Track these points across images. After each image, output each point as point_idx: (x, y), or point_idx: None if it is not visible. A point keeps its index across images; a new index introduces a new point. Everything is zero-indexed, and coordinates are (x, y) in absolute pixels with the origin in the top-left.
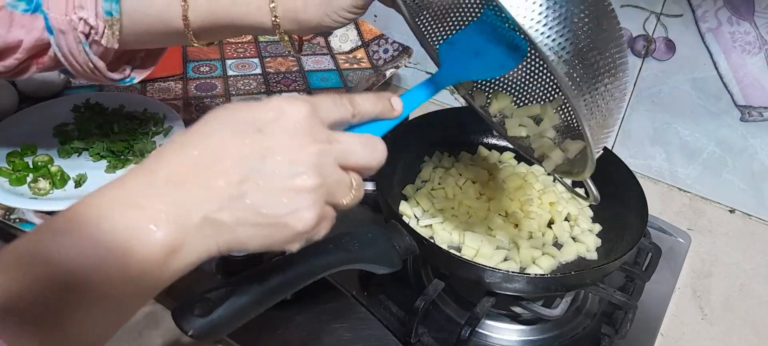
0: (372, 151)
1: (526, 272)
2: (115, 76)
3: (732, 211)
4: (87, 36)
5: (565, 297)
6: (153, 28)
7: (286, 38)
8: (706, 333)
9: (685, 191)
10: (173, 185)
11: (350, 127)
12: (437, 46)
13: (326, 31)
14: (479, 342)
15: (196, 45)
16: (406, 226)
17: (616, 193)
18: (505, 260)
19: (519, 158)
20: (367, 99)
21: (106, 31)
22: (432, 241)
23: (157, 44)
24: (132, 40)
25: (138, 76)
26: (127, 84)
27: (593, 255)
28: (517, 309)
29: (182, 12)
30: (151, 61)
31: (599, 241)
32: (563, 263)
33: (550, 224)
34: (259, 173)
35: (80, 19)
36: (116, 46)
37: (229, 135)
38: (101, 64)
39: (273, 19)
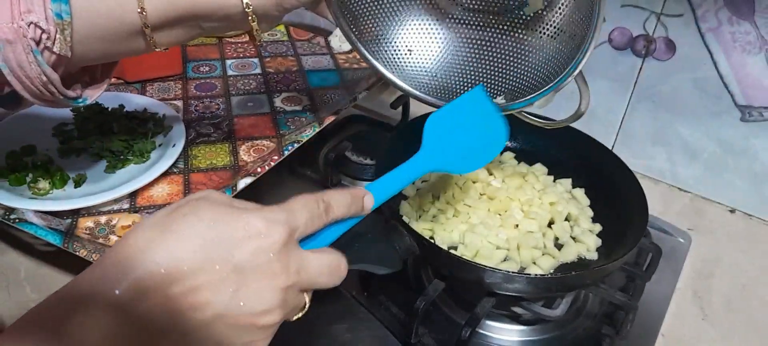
0: (336, 275)
1: (526, 272)
2: (69, 93)
3: (733, 211)
4: (38, 43)
5: (565, 297)
6: (107, 28)
7: (255, 25)
8: (706, 334)
9: (685, 191)
10: (139, 300)
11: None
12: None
13: (325, 31)
14: (480, 343)
15: (156, 49)
16: (406, 226)
17: (617, 193)
18: (506, 260)
19: (519, 158)
20: (343, 202)
21: (58, 35)
22: (432, 241)
23: (112, 52)
24: (85, 49)
25: (91, 96)
26: (80, 105)
27: (594, 255)
28: (518, 310)
29: (137, 4)
30: (104, 76)
31: (600, 241)
32: (563, 263)
33: (550, 224)
34: (226, 305)
35: (30, 23)
36: (69, 53)
37: (201, 252)
38: (55, 77)
39: None
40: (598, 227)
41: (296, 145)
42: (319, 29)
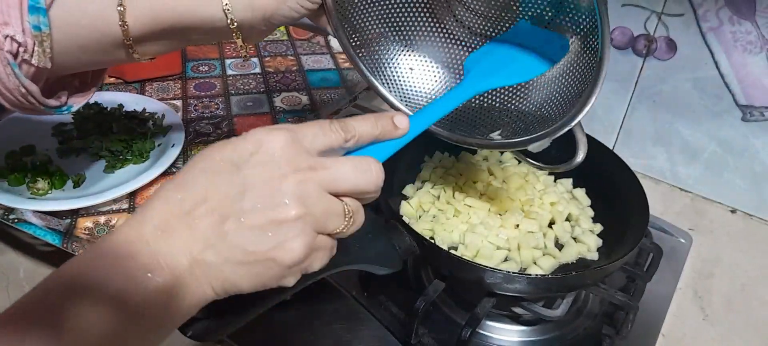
0: (364, 173)
1: (526, 272)
2: (52, 102)
3: (733, 211)
4: (15, 56)
5: (566, 298)
6: (88, 41)
7: (239, 41)
8: (707, 334)
9: (686, 191)
10: (161, 232)
11: (348, 152)
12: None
13: (325, 30)
14: (480, 343)
15: (140, 60)
16: (406, 226)
17: (618, 193)
18: (506, 260)
19: (520, 158)
20: (365, 120)
21: (36, 48)
22: (432, 241)
23: (94, 62)
24: (67, 60)
25: (76, 103)
26: (64, 113)
27: (594, 255)
28: (518, 310)
29: (119, 18)
30: (95, 81)
31: (600, 241)
32: (564, 263)
33: (550, 224)
34: (240, 210)
35: (6, 36)
36: (49, 65)
37: (210, 176)
38: (34, 88)
39: (225, 5)
40: (598, 227)
41: None
42: (318, 29)
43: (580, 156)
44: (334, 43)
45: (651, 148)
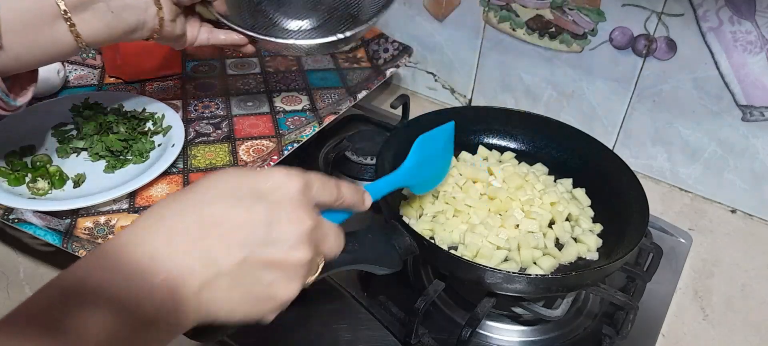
0: (339, 243)
1: (526, 272)
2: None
3: (733, 211)
4: None
5: (566, 298)
6: (29, 14)
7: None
8: (707, 334)
9: (686, 191)
10: (172, 248)
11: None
12: None
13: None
14: (480, 343)
15: (82, 47)
16: (406, 226)
17: (618, 193)
18: (506, 260)
19: (520, 158)
20: (349, 189)
21: None
22: (432, 241)
23: (38, 41)
24: (11, 41)
25: (21, 100)
26: (11, 104)
27: (594, 255)
28: (518, 310)
29: (73, 36)
30: (28, 83)
31: (600, 241)
32: (564, 263)
33: (551, 224)
34: (260, 242)
35: None
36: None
37: (233, 202)
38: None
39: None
40: (598, 227)
41: (296, 145)
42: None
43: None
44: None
45: (651, 148)
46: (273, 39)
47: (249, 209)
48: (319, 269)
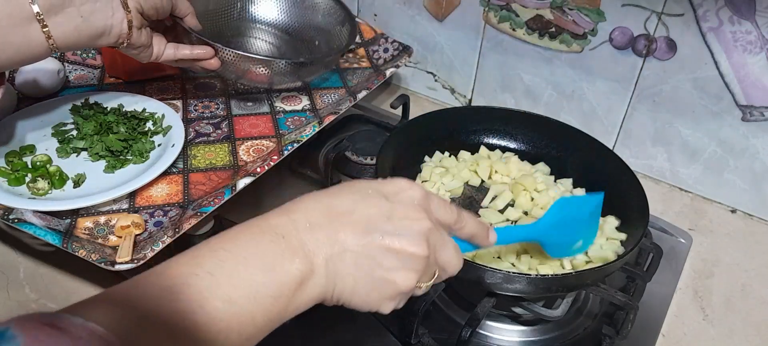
0: (457, 260)
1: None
2: None
3: (733, 211)
4: None
5: (566, 298)
6: (2, 15)
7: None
8: (707, 334)
9: (686, 191)
10: (309, 226)
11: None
12: None
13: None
14: (480, 343)
15: (53, 46)
16: None
17: (618, 193)
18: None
19: (520, 158)
20: (472, 219)
21: None
22: None
23: (9, 39)
24: None
25: None
26: None
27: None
28: (518, 310)
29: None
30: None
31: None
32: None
33: None
34: (383, 230)
35: None
36: None
37: (359, 196)
38: None
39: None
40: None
41: (296, 145)
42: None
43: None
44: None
45: (651, 148)
46: (242, 52)
47: (374, 204)
48: (435, 277)
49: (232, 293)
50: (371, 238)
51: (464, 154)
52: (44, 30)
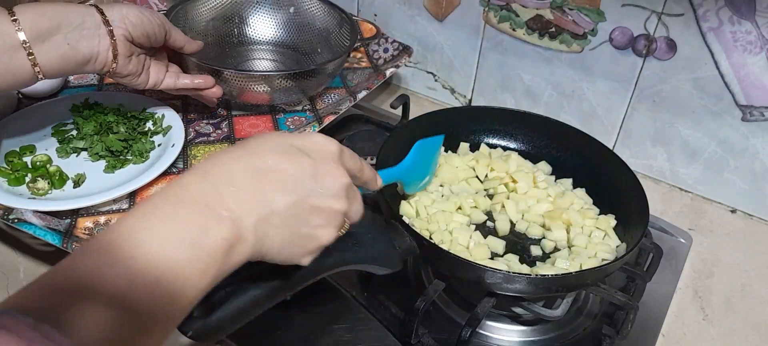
0: (361, 208)
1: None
2: None
3: (733, 211)
4: None
5: (566, 298)
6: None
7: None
8: (707, 334)
9: (686, 191)
10: (234, 190)
11: None
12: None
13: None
14: (480, 343)
15: (40, 72)
16: (406, 226)
17: (618, 193)
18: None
19: (524, 157)
20: (368, 166)
21: None
22: (432, 241)
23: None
24: None
25: None
26: None
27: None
28: (518, 310)
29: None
30: None
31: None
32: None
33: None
34: (309, 190)
35: None
36: None
37: (283, 154)
38: None
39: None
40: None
41: None
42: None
43: None
44: None
45: (651, 148)
46: (241, 70)
47: (297, 162)
48: (345, 228)
49: (158, 274)
50: (298, 197)
51: (464, 147)
52: (30, 58)
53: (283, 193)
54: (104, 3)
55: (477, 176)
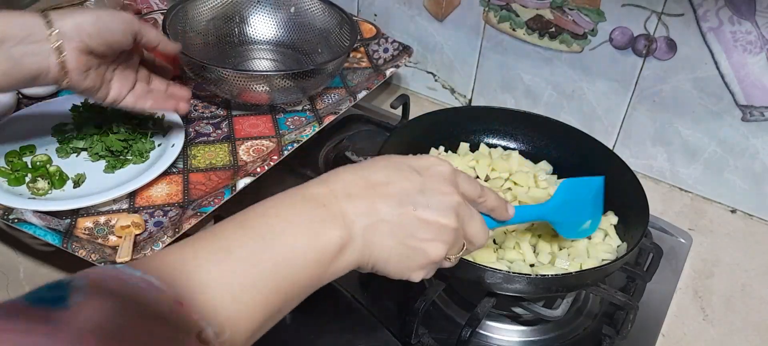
0: (484, 233)
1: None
2: None
3: (733, 211)
4: None
5: (566, 298)
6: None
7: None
8: (707, 334)
9: (686, 191)
10: (348, 196)
11: None
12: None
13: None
14: (480, 343)
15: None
16: None
17: (618, 193)
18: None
19: (525, 157)
20: (493, 194)
21: None
22: None
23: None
24: None
25: None
26: None
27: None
28: (518, 310)
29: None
30: None
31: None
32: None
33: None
34: (416, 202)
35: None
36: None
37: (394, 170)
38: None
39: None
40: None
41: (296, 145)
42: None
43: None
44: None
45: (651, 148)
46: (240, 70)
47: (407, 177)
48: (463, 250)
49: (278, 256)
50: (406, 209)
51: (464, 147)
52: None
53: (391, 203)
54: (63, 8)
55: (477, 176)
